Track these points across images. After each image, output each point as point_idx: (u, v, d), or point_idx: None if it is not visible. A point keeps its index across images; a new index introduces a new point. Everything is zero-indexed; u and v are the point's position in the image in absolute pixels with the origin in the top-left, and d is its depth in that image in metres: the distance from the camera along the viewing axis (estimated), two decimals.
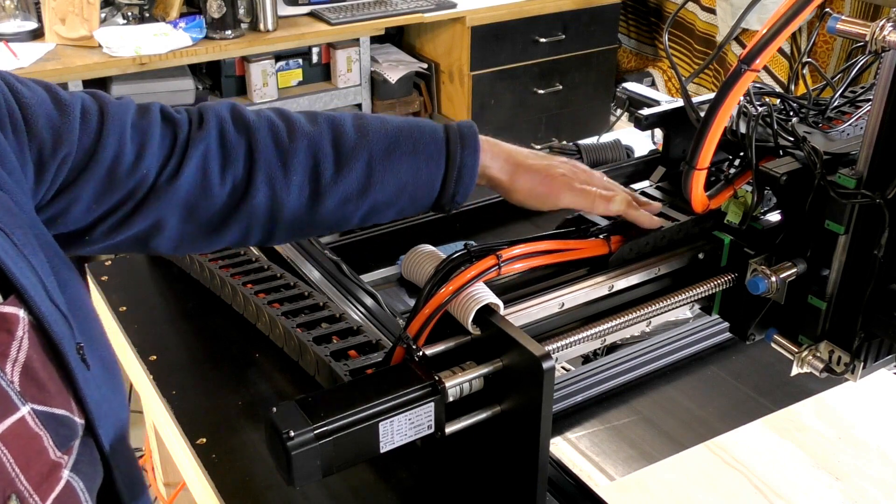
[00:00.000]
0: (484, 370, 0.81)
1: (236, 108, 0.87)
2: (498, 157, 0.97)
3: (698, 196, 0.96)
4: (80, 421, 0.71)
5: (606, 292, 0.93)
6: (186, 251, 0.90)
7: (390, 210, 0.91)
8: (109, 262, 1.44)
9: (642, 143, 1.75)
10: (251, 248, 1.31)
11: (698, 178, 0.94)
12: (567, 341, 0.89)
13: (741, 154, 1.00)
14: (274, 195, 0.84)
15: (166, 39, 2.69)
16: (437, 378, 0.79)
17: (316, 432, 0.73)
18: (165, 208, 0.82)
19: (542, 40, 3.34)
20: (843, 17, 0.82)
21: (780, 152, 0.94)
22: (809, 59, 1.07)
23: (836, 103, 1.04)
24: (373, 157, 0.87)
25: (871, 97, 0.84)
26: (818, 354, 0.92)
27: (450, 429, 0.81)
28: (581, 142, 1.68)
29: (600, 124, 3.61)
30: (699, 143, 0.92)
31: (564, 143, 1.70)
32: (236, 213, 0.84)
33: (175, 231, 0.84)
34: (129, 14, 2.84)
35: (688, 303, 0.97)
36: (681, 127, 1.14)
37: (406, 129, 0.90)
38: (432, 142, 0.90)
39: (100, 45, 2.65)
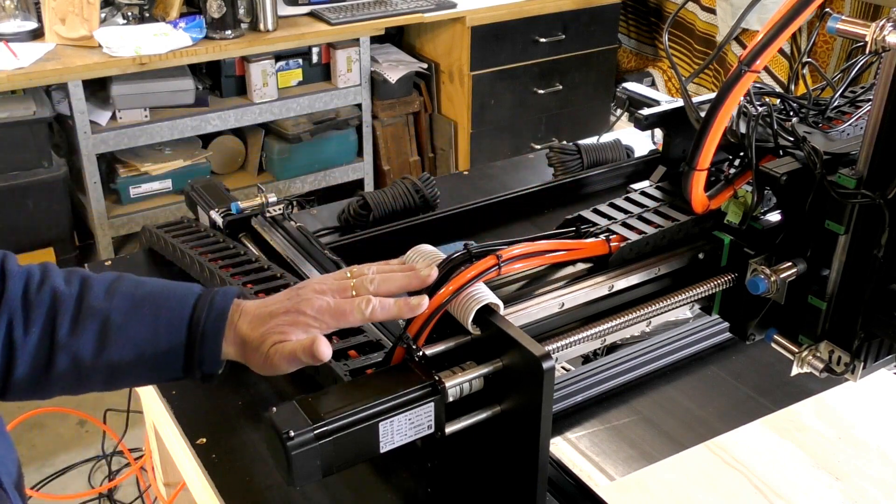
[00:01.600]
0: (484, 370, 0.81)
1: (10, 258, 0.87)
2: (235, 337, 0.87)
3: (698, 196, 0.96)
4: None
5: (606, 292, 0.93)
6: None
7: (135, 376, 0.86)
8: (109, 262, 1.44)
9: (642, 143, 1.75)
10: (251, 248, 1.31)
11: (698, 179, 0.94)
12: (567, 341, 0.89)
13: (741, 154, 1.00)
14: (11, 343, 0.83)
15: (166, 39, 2.69)
16: (437, 378, 0.79)
17: (316, 432, 0.73)
18: None
19: (542, 40, 3.34)
20: (843, 17, 0.82)
21: (780, 152, 0.94)
22: (809, 59, 1.07)
23: (836, 103, 1.04)
24: (110, 318, 0.84)
25: (871, 97, 0.84)
26: (818, 354, 0.92)
27: (450, 429, 0.81)
28: (581, 142, 1.68)
29: (600, 124, 3.61)
30: (699, 144, 0.92)
31: (564, 143, 1.70)
32: None
33: None
34: (129, 14, 2.84)
35: (688, 303, 0.97)
36: (681, 127, 1.14)
37: (156, 293, 0.87)
38: (177, 309, 0.86)
39: (100, 45, 2.65)
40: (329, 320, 0.84)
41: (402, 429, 0.78)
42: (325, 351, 0.81)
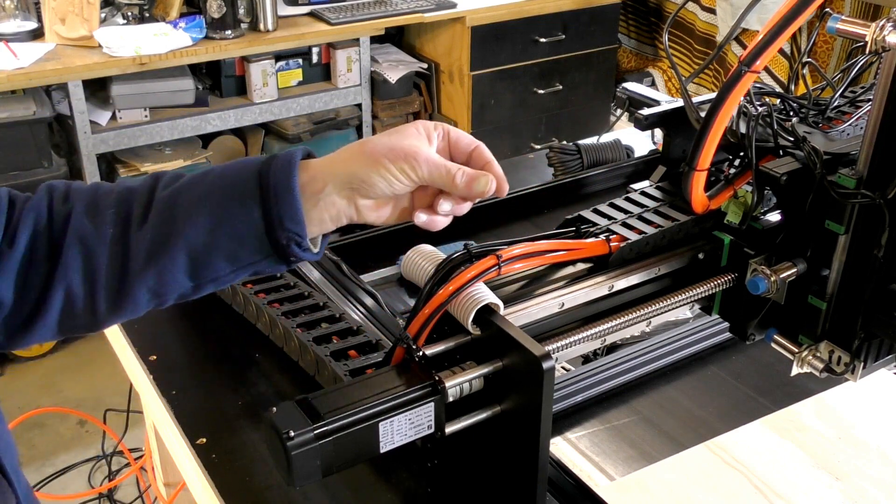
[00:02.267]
0: (484, 370, 0.81)
1: (71, 182, 0.85)
2: (327, 170, 0.79)
3: (698, 197, 0.96)
4: None
5: (606, 292, 0.93)
6: (13, 338, 0.81)
7: (219, 257, 0.78)
8: None
9: (642, 143, 1.75)
10: None
11: (698, 180, 0.94)
12: (567, 341, 0.89)
13: (741, 154, 1.00)
14: (86, 249, 0.78)
15: (166, 39, 2.69)
16: (437, 378, 0.79)
17: (316, 432, 0.73)
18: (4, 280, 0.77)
19: (542, 40, 3.34)
20: (843, 17, 0.82)
21: (780, 152, 0.94)
22: (809, 59, 1.07)
23: (836, 103, 1.04)
24: (177, 201, 0.80)
25: (871, 97, 0.84)
26: (818, 354, 0.92)
27: (450, 429, 0.81)
28: (581, 142, 1.68)
29: (600, 124, 3.61)
30: (699, 145, 0.92)
31: (564, 143, 1.70)
32: (52, 280, 0.77)
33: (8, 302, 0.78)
34: (129, 14, 2.84)
35: (688, 303, 0.97)
36: (681, 127, 1.14)
37: (222, 168, 0.81)
38: (243, 172, 0.79)
39: (100, 45, 2.65)
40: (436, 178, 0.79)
41: (402, 429, 0.78)
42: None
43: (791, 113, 1.02)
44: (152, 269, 0.77)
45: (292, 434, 0.73)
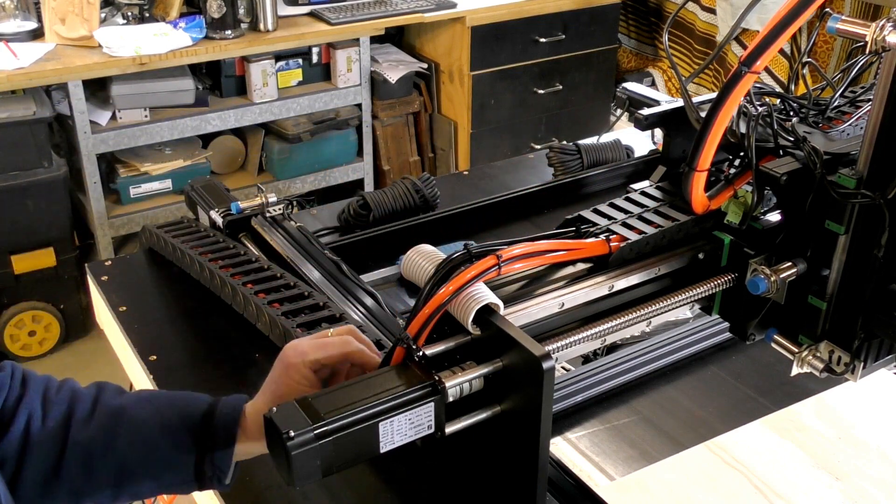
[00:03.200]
0: (484, 370, 0.81)
1: (32, 374, 0.89)
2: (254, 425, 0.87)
3: (698, 197, 0.96)
4: None
5: (606, 292, 0.93)
6: None
7: (143, 471, 0.85)
8: (110, 262, 1.44)
9: (642, 143, 1.75)
10: (251, 248, 1.31)
11: (698, 180, 0.94)
12: (567, 341, 0.89)
13: (741, 154, 1.00)
14: (27, 436, 0.83)
15: (166, 39, 2.69)
16: (437, 378, 0.79)
17: (316, 432, 0.73)
18: None
19: (542, 40, 3.34)
20: (843, 17, 0.82)
21: (780, 152, 0.94)
22: (809, 59, 1.07)
23: (836, 103, 1.04)
24: (124, 409, 0.86)
25: (871, 97, 0.84)
26: (818, 354, 0.92)
27: (450, 429, 0.81)
28: (581, 142, 1.68)
29: (600, 124, 3.61)
30: (699, 145, 0.92)
31: (564, 143, 1.70)
32: None
33: None
34: (129, 14, 2.84)
35: (688, 303, 0.97)
36: (681, 127, 1.14)
37: (169, 401, 0.88)
38: (191, 400, 0.87)
39: (100, 45, 2.65)
40: (320, 355, 0.86)
41: (402, 429, 0.78)
42: None
43: (791, 113, 1.02)
44: (83, 472, 0.84)
45: (292, 434, 0.73)
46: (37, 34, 2.73)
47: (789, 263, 0.91)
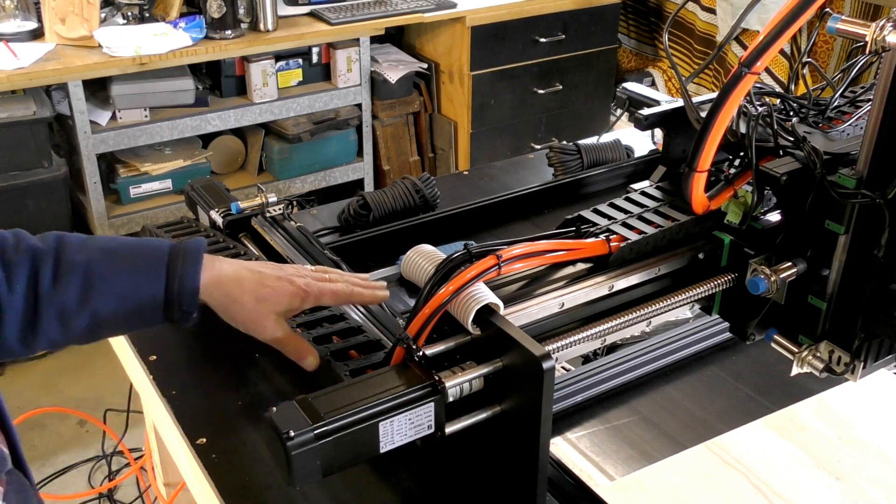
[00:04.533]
0: (484, 370, 0.81)
1: None
2: (217, 283, 0.95)
3: (698, 198, 0.96)
4: (6, 451, 0.73)
5: (606, 292, 0.93)
6: None
7: (118, 323, 0.91)
8: None
9: (642, 143, 1.75)
10: (251, 248, 1.31)
11: (699, 181, 0.94)
12: (567, 341, 0.89)
13: (741, 154, 1.00)
14: None
15: (166, 39, 2.69)
16: (437, 378, 0.79)
17: (316, 432, 0.74)
18: None
19: (542, 40, 3.34)
20: (843, 17, 0.82)
21: (780, 152, 0.94)
22: (809, 59, 1.07)
23: (836, 103, 1.04)
24: (91, 268, 0.88)
25: (871, 97, 0.84)
26: (818, 354, 0.92)
27: (450, 429, 0.81)
28: (581, 142, 1.68)
29: (600, 124, 3.61)
30: (699, 146, 0.92)
31: (564, 143, 1.70)
32: None
33: None
34: (129, 14, 2.84)
35: (688, 303, 0.97)
36: (681, 127, 1.14)
37: (129, 245, 0.93)
38: (154, 255, 0.92)
39: (100, 45, 2.65)
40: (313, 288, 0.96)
41: (402, 429, 0.78)
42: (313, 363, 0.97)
43: (791, 113, 1.02)
44: (57, 333, 0.87)
45: (292, 434, 0.73)
46: (37, 34, 2.73)
47: (789, 263, 0.91)
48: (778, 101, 1.03)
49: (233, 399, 1.10)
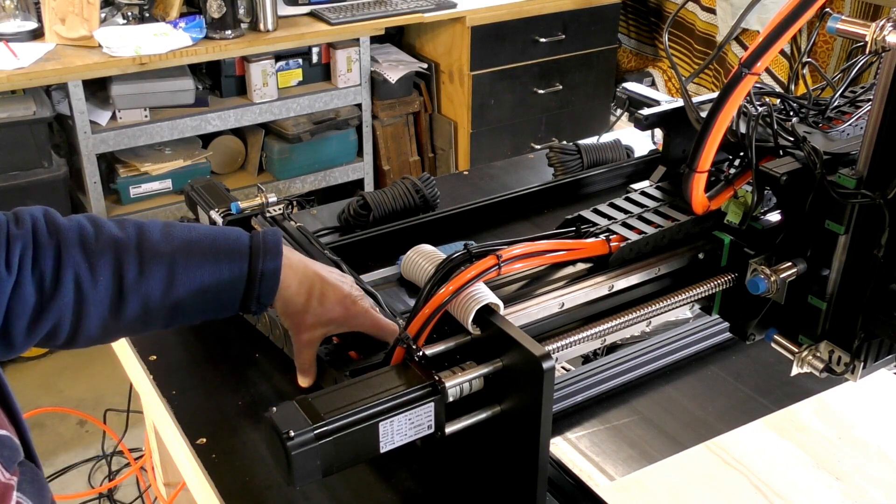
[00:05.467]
0: (484, 370, 0.81)
1: (49, 212, 0.91)
2: (299, 280, 0.97)
3: (699, 198, 0.96)
4: (17, 441, 0.73)
5: (606, 292, 0.93)
6: None
7: (196, 312, 0.92)
8: None
9: (642, 143, 1.75)
10: None
11: (699, 181, 0.94)
12: (567, 341, 0.89)
13: (741, 154, 1.00)
14: (81, 295, 0.85)
15: (166, 39, 2.69)
16: (437, 378, 0.79)
17: (316, 432, 0.74)
18: None
19: (542, 40, 3.34)
20: (843, 17, 0.82)
21: (780, 152, 0.94)
22: (809, 59, 1.07)
23: (836, 103, 1.04)
24: (175, 261, 0.89)
25: (871, 97, 0.84)
26: (818, 354, 0.92)
27: (450, 429, 0.81)
28: (581, 142, 1.68)
29: (600, 124, 3.61)
30: (699, 147, 0.92)
31: (564, 143, 1.70)
32: (45, 311, 0.84)
33: None
34: (129, 14, 2.84)
35: (688, 303, 0.97)
36: (681, 127, 1.14)
37: (210, 236, 0.93)
38: (236, 247, 0.92)
39: (100, 45, 2.65)
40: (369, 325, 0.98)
41: (402, 429, 0.78)
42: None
43: (791, 113, 1.02)
44: (139, 321, 0.88)
45: (292, 434, 0.73)
46: (37, 34, 2.73)
47: (789, 263, 0.91)
48: (778, 101, 1.03)
49: (233, 399, 1.10)
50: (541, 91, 3.44)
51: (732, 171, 1.01)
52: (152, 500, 2.26)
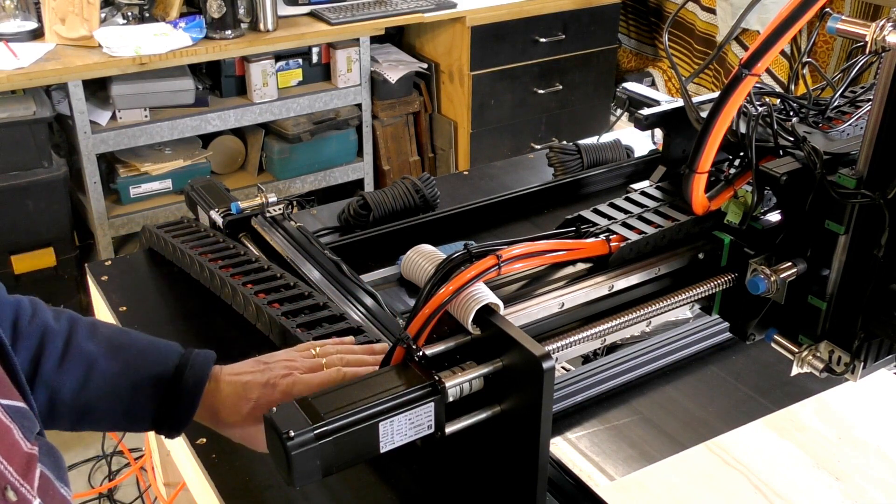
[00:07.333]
0: (484, 370, 0.81)
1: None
2: (209, 404, 0.90)
3: (699, 199, 0.96)
4: (34, 414, 0.73)
5: (606, 292, 0.93)
6: None
7: (105, 423, 0.88)
8: (109, 262, 1.44)
9: (642, 143, 1.75)
10: (251, 248, 1.31)
11: (699, 182, 0.94)
12: (567, 341, 0.89)
13: (741, 154, 1.00)
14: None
15: (166, 39, 2.69)
16: (437, 378, 0.79)
17: (316, 432, 0.74)
18: None
19: (542, 40, 3.34)
20: (843, 17, 0.82)
21: (780, 152, 0.94)
22: (809, 59, 1.07)
23: (836, 103, 1.04)
24: (96, 361, 0.86)
25: (871, 97, 0.84)
26: (818, 354, 0.92)
27: (450, 429, 0.81)
28: (581, 142, 1.68)
29: (600, 124, 3.61)
30: (700, 148, 0.92)
31: (564, 143, 1.70)
32: None
33: None
34: (129, 14, 2.84)
35: (688, 303, 0.97)
36: (681, 127, 1.14)
37: (140, 349, 0.89)
38: (161, 360, 0.88)
39: (100, 45, 2.65)
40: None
41: (402, 429, 0.78)
42: None
43: (791, 113, 1.02)
44: (46, 410, 0.84)
45: (292, 434, 0.73)
46: (37, 34, 2.73)
47: (789, 263, 0.91)
48: (778, 101, 1.03)
49: None
50: (541, 91, 3.44)
51: (732, 171, 1.01)
52: (152, 500, 2.26)
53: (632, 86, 1.48)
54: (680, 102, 1.15)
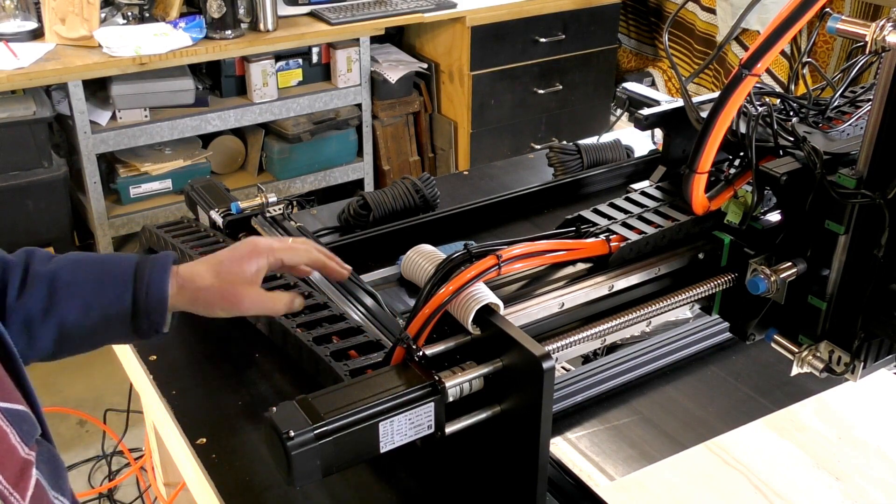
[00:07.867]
0: (484, 370, 0.81)
1: None
2: (180, 288, 0.93)
3: (699, 199, 0.96)
4: (34, 417, 0.73)
5: (606, 292, 0.93)
6: None
7: (85, 334, 0.90)
8: None
9: (642, 143, 1.75)
10: None
11: (699, 182, 0.94)
12: (567, 341, 0.89)
13: (741, 154, 1.00)
14: None
15: (166, 39, 2.69)
16: (437, 378, 0.79)
17: (316, 432, 0.74)
18: None
19: (542, 40, 3.34)
20: (843, 17, 0.82)
21: (780, 152, 0.94)
22: (809, 59, 1.07)
23: (836, 103, 1.04)
24: (57, 277, 0.89)
25: (871, 97, 0.84)
26: (818, 354, 0.92)
27: (450, 429, 0.81)
28: (581, 142, 1.68)
29: (600, 124, 3.61)
30: (700, 148, 0.92)
31: (564, 143, 1.70)
32: None
33: None
34: (129, 14, 2.84)
35: (688, 303, 0.97)
36: (681, 127, 1.14)
37: (98, 257, 0.93)
38: (120, 266, 0.91)
39: (100, 45, 2.65)
40: (286, 256, 0.98)
41: (402, 429, 0.78)
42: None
43: (791, 113, 1.02)
44: (25, 338, 0.87)
45: (292, 434, 0.73)
46: (37, 34, 2.73)
47: (789, 263, 0.91)
48: (778, 101, 1.03)
49: (233, 399, 1.10)
50: (541, 91, 3.44)
51: (732, 171, 1.01)
52: (152, 500, 2.26)
53: (632, 86, 1.48)
54: (680, 102, 1.15)
